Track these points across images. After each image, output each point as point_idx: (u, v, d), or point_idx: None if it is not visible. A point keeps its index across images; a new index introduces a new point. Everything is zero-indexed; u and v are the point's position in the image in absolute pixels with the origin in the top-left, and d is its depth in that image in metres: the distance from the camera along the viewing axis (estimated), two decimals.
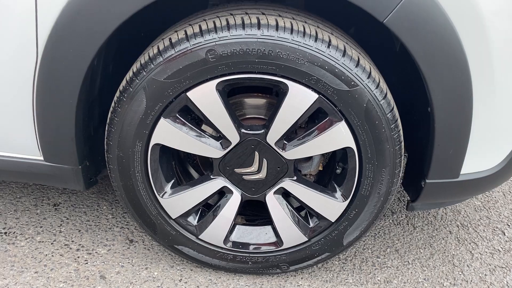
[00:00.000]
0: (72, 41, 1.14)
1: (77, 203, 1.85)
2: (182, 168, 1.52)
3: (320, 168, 1.47)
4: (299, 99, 1.21)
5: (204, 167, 1.52)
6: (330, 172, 1.47)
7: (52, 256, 1.57)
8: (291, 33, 1.14)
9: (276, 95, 1.40)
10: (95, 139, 1.45)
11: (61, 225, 1.72)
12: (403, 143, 1.30)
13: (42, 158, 1.36)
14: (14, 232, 1.66)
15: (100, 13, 1.10)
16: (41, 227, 1.70)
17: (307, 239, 1.45)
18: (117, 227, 1.74)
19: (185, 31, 1.17)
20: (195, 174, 1.54)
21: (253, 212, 1.59)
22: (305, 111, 1.23)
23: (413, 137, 1.44)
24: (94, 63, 1.21)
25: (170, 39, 1.18)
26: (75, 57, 1.15)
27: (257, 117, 1.41)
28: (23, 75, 1.19)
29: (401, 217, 1.94)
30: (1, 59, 1.18)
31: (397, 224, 1.89)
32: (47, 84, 1.20)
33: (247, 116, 1.40)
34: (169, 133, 1.28)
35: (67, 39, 1.13)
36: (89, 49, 1.14)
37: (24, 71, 1.19)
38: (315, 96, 1.21)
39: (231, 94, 1.36)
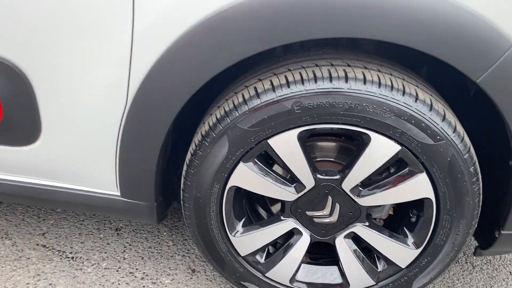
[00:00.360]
0: (163, 92, 1.17)
1: (138, 228, 1.89)
2: (251, 206, 1.53)
3: (391, 212, 1.47)
4: (380, 150, 1.21)
5: (272, 206, 1.54)
6: (400, 216, 1.46)
7: (119, 284, 1.61)
8: (379, 87, 1.14)
9: (348, 138, 1.40)
10: (166, 174, 1.48)
11: (124, 251, 1.76)
12: (481, 196, 1.28)
13: (119, 193, 1.40)
14: (81, 257, 1.71)
15: (193, 68, 1.13)
16: (105, 252, 1.75)
17: (374, 283, 1.44)
18: (178, 255, 1.77)
19: (271, 82, 1.19)
20: (263, 212, 1.56)
21: (317, 250, 1.59)
22: (386, 162, 1.23)
23: (488, 187, 1.42)
24: None
25: (255, 88, 1.20)
26: (165, 107, 1.19)
27: (328, 160, 1.42)
28: (111, 118, 1.23)
29: (459, 254, 1.91)
30: (94, 101, 1.22)
31: (456, 262, 1.86)
32: (134, 128, 1.24)
33: (318, 159, 1.41)
34: (247, 177, 1.30)
35: (158, 90, 1.17)
36: (180, 99, 1.17)
37: (112, 115, 1.23)
38: (398, 148, 1.20)
39: None
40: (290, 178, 1.34)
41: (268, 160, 1.42)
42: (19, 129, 1.28)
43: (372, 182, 1.32)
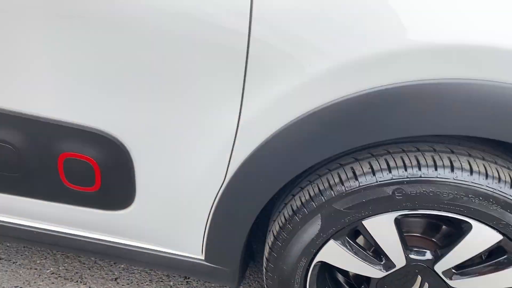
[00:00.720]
0: (262, 175, 1.18)
1: None
2: (330, 275, 1.52)
3: None
4: (481, 239, 1.18)
5: (355, 278, 1.52)
6: None
7: None
8: (486, 178, 1.11)
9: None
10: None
11: None
12: None
13: (203, 258, 1.41)
14: None
15: (295, 156, 1.14)
16: None
17: None
18: None
19: (370, 164, 1.17)
20: (341, 278, 1.54)
21: None
22: (485, 249, 1.19)
23: None
24: None
25: (353, 169, 1.19)
26: (262, 189, 1.20)
27: (415, 235, 1.38)
28: (206, 193, 1.25)
29: None
30: (191, 176, 1.24)
31: None
32: (228, 204, 1.25)
33: (404, 233, 1.38)
34: (336, 254, 1.28)
35: (258, 173, 1.18)
36: (278, 183, 1.19)
37: (208, 190, 1.24)
38: (499, 237, 1.16)
39: None
40: (380, 255, 1.32)
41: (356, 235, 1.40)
42: (114, 195, 1.31)
43: (466, 266, 1.28)
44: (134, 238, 1.42)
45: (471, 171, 1.11)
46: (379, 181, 1.16)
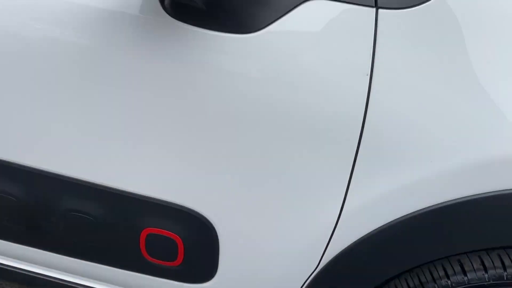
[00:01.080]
0: (360, 270, 1.11)
1: None
2: None
3: None
4: None
5: None
6: None
7: None
8: None
9: None
10: None
11: None
12: None
13: None
14: None
15: (401, 256, 1.07)
16: None
17: None
18: None
19: (481, 260, 1.07)
20: None
21: None
22: None
23: None
24: None
25: (460, 263, 1.09)
26: (358, 282, 1.14)
27: None
28: (297, 274, 1.17)
29: None
30: (279, 259, 1.17)
31: None
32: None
33: None
34: None
35: (357, 266, 1.11)
36: (375, 279, 1.12)
37: (299, 272, 1.17)
38: None
39: None
40: None
41: None
42: (196, 270, 1.25)
43: None
44: None
45: None
46: (492, 280, 1.06)
